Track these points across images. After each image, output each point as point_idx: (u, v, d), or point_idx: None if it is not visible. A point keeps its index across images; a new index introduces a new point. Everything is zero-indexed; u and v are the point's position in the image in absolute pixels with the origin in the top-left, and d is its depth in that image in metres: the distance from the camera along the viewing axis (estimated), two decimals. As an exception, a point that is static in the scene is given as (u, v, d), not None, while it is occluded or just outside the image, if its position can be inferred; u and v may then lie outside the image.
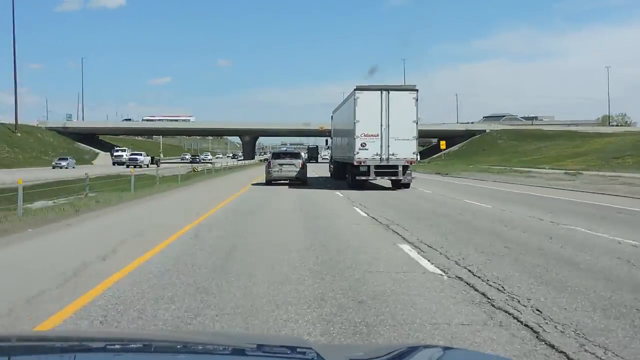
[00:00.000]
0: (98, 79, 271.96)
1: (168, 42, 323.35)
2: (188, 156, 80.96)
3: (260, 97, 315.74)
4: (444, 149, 65.44)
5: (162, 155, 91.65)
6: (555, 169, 36.73)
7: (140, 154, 55.23)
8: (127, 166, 44.48)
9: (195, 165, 39.61)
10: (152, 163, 53.11)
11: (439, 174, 34.69)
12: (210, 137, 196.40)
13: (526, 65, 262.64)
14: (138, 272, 5.59)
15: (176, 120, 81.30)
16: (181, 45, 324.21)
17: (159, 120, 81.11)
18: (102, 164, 67.64)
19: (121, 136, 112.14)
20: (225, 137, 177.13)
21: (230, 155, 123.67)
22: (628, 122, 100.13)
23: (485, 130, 73.18)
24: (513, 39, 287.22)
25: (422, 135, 79.10)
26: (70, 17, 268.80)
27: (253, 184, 23.07)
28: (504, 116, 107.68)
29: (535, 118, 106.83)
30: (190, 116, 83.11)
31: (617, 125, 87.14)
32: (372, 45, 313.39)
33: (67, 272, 5.49)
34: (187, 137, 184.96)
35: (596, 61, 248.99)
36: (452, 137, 69.40)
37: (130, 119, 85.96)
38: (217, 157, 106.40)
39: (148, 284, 5.04)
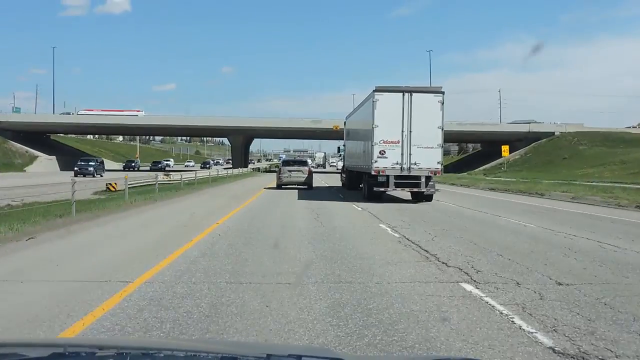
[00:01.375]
0: (103, 84, 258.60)
1: (173, 49, 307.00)
2: (141, 163, 59.95)
3: (265, 105, 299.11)
4: (506, 156, 48.04)
5: (139, 161, 73.36)
6: None
7: None
8: None
9: (113, 182, 19.80)
10: None
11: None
12: (211, 143, 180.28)
13: (532, 75, 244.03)
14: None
15: (119, 115, 62.63)
16: (186, 51, 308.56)
17: (98, 115, 62.84)
18: (41, 171, 50.46)
19: (86, 136, 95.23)
20: (224, 141, 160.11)
21: (214, 162, 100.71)
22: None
23: (553, 133, 55.44)
24: (519, 49, 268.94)
25: (465, 138, 59.97)
26: (76, 23, 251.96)
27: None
28: (529, 123, 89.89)
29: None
30: (138, 111, 64.71)
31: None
32: (379, 53, 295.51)
33: None
34: (186, 141, 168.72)
35: (603, 72, 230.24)
36: (508, 142, 51.40)
37: (69, 113, 67.92)
38: (186, 165, 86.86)
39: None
